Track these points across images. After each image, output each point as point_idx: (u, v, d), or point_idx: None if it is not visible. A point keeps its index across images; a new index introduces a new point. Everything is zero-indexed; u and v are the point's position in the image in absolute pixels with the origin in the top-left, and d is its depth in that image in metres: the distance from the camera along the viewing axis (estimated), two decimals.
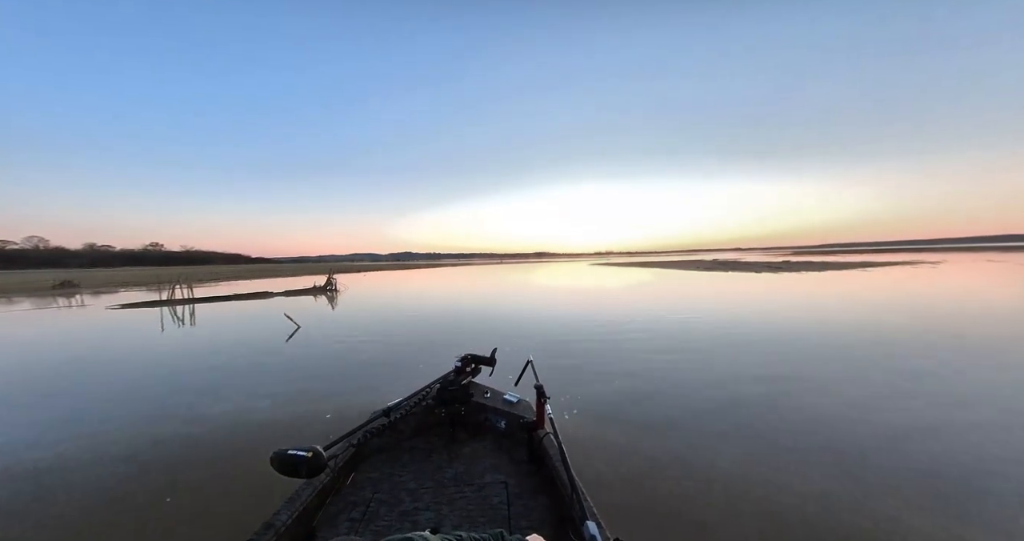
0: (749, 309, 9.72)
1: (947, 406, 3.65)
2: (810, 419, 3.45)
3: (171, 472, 2.90)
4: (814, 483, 2.53)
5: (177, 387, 4.89)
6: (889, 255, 52.24)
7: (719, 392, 4.12)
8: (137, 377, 5.40)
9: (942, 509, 2.28)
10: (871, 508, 2.31)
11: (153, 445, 3.35)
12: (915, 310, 8.83)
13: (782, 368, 4.87)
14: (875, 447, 2.97)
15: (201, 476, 2.82)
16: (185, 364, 6.00)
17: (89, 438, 3.51)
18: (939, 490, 2.44)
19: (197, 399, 4.42)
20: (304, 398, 4.33)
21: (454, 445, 2.32)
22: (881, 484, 2.52)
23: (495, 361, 2.63)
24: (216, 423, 3.74)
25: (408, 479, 1.99)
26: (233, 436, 3.44)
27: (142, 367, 5.93)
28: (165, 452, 3.22)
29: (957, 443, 3.00)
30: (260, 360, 6.09)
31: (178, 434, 3.53)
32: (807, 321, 7.83)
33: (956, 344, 5.79)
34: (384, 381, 4.82)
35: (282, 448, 1.57)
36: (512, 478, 1.95)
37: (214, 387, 4.81)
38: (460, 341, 6.94)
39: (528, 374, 2.39)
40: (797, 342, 6.17)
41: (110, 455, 3.19)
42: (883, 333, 6.62)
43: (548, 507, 1.72)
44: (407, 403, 2.39)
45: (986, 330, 6.60)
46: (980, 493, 2.40)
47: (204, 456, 3.12)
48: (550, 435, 1.99)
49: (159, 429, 3.65)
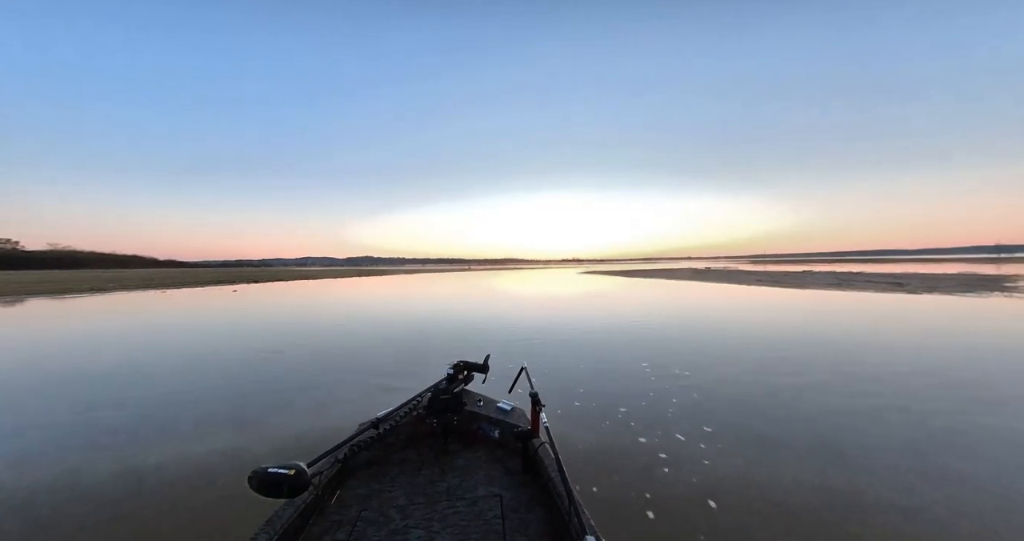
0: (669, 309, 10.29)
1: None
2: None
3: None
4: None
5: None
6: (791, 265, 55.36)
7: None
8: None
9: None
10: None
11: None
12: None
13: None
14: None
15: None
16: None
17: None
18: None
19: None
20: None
21: (446, 457, 2.21)
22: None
23: (488, 368, 2.55)
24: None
25: (398, 494, 1.87)
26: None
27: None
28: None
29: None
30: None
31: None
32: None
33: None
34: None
35: (261, 466, 1.44)
36: (507, 491, 1.87)
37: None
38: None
39: (522, 381, 2.32)
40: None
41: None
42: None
43: (544, 521, 1.65)
44: (397, 414, 2.27)
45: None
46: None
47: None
48: (546, 444, 1.93)
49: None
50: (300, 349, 6.91)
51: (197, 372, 5.52)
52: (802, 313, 10.19)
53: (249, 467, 1.48)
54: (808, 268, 42.75)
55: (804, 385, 4.47)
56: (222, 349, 7.02)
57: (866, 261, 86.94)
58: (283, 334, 8.44)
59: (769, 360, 5.55)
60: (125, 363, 6.11)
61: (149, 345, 7.52)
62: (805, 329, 7.86)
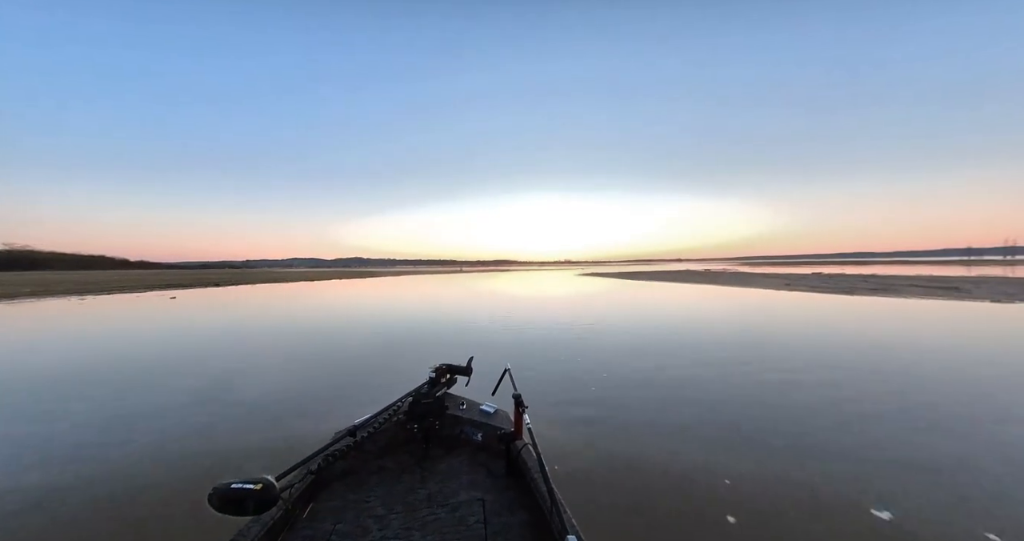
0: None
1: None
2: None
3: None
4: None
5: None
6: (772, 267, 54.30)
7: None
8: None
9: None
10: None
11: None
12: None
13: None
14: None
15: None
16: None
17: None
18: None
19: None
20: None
21: (427, 462, 2.14)
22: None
23: (471, 370, 2.50)
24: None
25: (375, 504, 1.79)
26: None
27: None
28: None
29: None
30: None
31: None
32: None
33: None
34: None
35: (223, 481, 1.34)
36: (489, 494, 1.84)
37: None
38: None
39: (506, 383, 2.28)
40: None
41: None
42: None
43: (527, 523, 1.62)
44: (375, 420, 2.19)
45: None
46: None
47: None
48: (529, 446, 1.90)
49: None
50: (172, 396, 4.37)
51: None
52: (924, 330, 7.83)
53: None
54: (818, 270, 40.29)
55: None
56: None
57: (845, 263, 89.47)
58: (169, 367, 5.73)
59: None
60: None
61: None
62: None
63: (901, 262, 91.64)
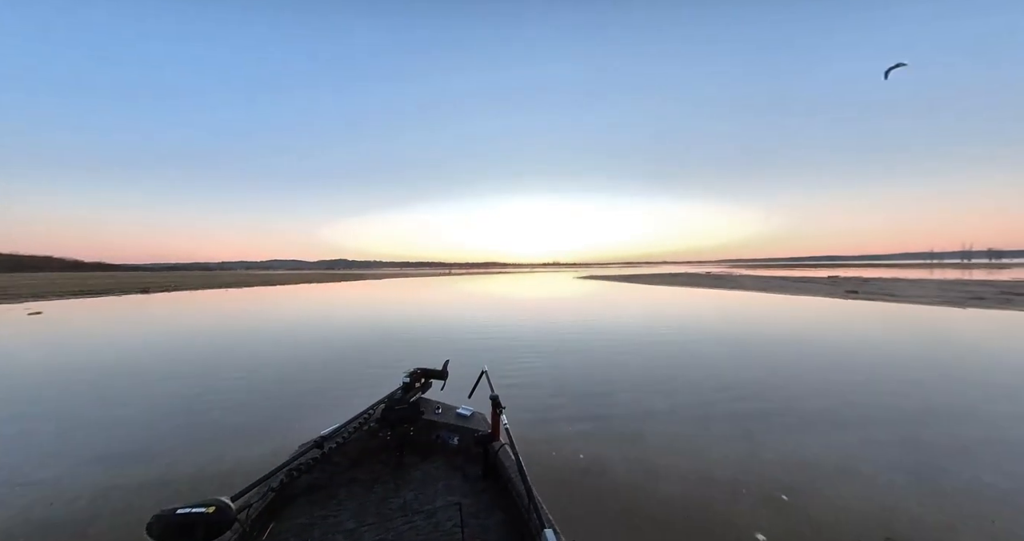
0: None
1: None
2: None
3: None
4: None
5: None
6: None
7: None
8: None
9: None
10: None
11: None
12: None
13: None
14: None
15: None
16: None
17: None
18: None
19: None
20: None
21: (402, 470, 2.05)
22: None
23: (447, 374, 2.43)
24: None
25: (345, 518, 1.68)
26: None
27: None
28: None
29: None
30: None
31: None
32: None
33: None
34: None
35: (168, 507, 1.20)
36: (467, 498, 1.79)
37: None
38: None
39: (483, 385, 2.22)
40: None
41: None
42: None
43: (505, 522, 1.61)
44: (345, 429, 2.08)
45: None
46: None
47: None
48: (506, 446, 1.87)
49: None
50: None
51: None
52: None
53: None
54: (832, 273, 38.02)
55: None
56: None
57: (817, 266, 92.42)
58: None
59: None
60: None
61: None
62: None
63: (869, 265, 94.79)
